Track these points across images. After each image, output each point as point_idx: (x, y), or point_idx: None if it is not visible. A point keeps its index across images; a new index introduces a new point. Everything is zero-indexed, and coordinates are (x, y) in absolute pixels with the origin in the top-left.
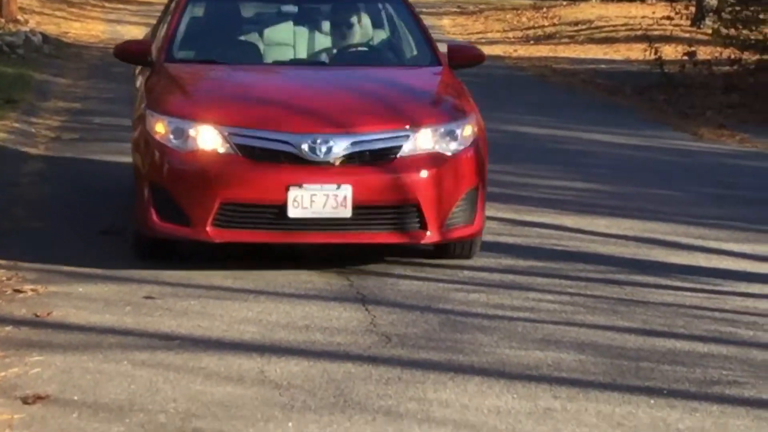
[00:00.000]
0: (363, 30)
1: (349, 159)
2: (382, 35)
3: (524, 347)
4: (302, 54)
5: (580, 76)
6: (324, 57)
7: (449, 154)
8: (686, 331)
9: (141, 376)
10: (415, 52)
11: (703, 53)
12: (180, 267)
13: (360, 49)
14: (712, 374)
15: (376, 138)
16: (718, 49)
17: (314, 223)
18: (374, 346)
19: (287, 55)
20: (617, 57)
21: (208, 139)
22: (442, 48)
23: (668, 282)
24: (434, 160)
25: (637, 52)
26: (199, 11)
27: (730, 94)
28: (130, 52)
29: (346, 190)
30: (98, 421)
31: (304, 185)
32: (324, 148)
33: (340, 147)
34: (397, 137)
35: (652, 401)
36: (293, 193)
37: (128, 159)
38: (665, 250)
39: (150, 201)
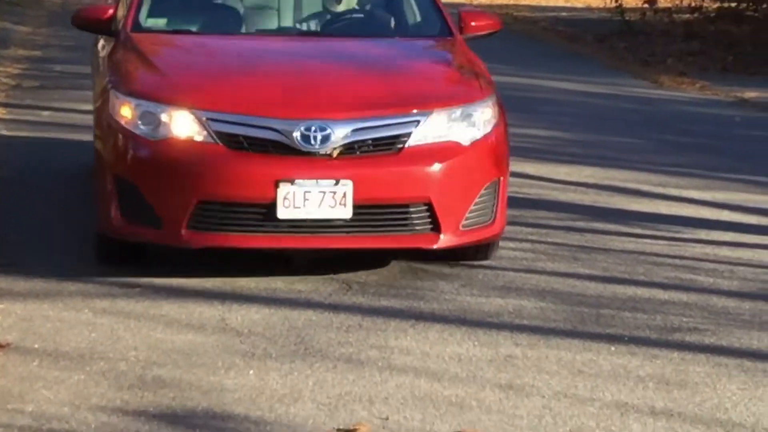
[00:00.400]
0: None
1: (349, 149)
2: (391, 6)
3: (485, 294)
4: (288, 21)
5: (541, 24)
6: (315, 25)
7: (466, 142)
8: (647, 279)
9: (102, 324)
10: (421, 20)
11: (664, 1)
12: None
13: (356, 16)
14: (673, 321)
15: (380, 124)
16: None
17: (308, 225)
18: (335, 294)
19: (272, 22)
20: (578, 4)
21: (182, 125)
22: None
23: (629, 229)
24: (448, 150)
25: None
26: None
27: (691, 42)
28: (90, 21)
29: (346, 187)
30: (59, 369)
31: (297, 180)
32: (319, 137)
33: (338, 135)
34: (405, 123)
35: (612, 348)
36: (283, 190)
37: (89, 106)
38: (626, 197)
39: (114, 198)
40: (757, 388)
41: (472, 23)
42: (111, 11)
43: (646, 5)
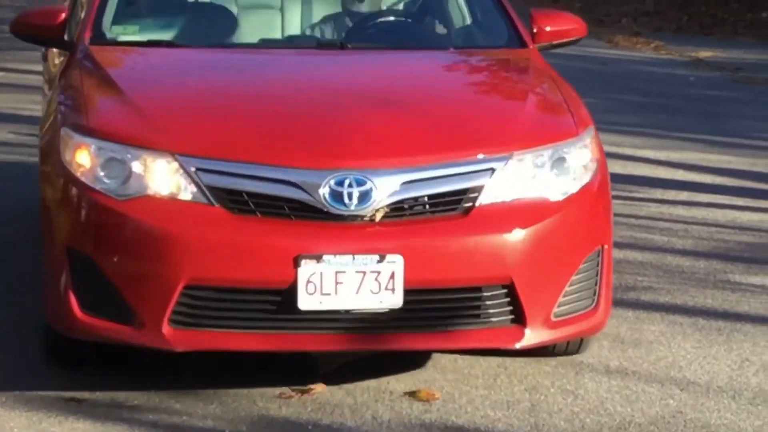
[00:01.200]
0: None
1: (398, 211)
2: (431, 3)
3: None
4: (297, 26)
5: None
6: (336, 33)
7: (558, 198)
8: None
9: None
10: (481, 25)
11: None
12: None
13: (391, 19)
14: (628, 280)
15: (440, 174)
16: None
17: (341, 319)
18: None
19: (277, 28)
20: None
21: (162, 177)
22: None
23: None
24: (535, 209)
25: None
26: None
27: (645, 2)
28: (34, 28)
29: (395, 264)
30: None
31: (325, 256)
32: (356, 194)
33: (382, 191)
34: (474, 173)
35: None
36: (307, 270)
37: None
38: None
39: (68, 280)
40: (711, 346)
41: (548, 28)
42: (63, 15)
43: None
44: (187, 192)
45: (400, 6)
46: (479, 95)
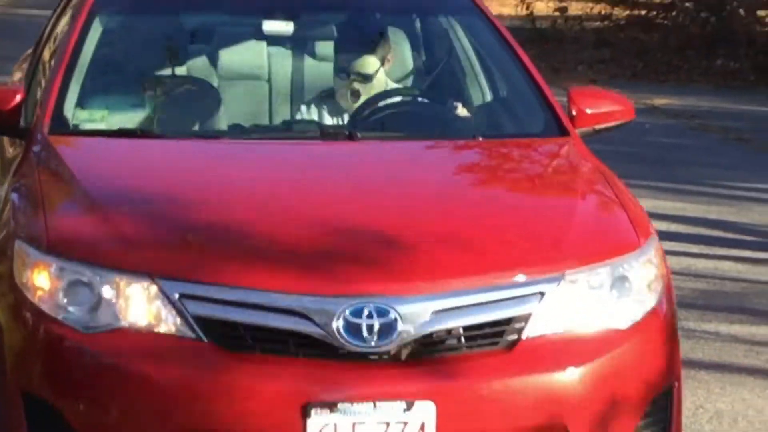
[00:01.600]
0: (404, 62)
1: (428, 346)
2: (446, 77)
3: None
4: (287, 101)
5: None
6: (339, 116)
7: (621, 325)
8: None
9: None
10: (511, 108)
11: (575, 9)
12: None
13: (400, 99)
14: None
15: (478, 301)
16: (590, 4)
17: None
18: None
19: (264, 105)
20: None
21: (138, 305)
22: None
23: None
24: (592, 342)
25: (509, 7)
26: (111, 33)
27: (601, 49)
28: None
29: (425, 413)
30: None
31: (340, 404)
32: (377, 326)
33: (409, 322)
34: (517, 298)
35: None
36: (318, 421)
37: None
38: None
39: (24, 430)
40: None
41: (588, 110)
42: (19, 97)
43: (557, 13)
44: (169, 323)
45: (409, 81)
46: (520, 200)
